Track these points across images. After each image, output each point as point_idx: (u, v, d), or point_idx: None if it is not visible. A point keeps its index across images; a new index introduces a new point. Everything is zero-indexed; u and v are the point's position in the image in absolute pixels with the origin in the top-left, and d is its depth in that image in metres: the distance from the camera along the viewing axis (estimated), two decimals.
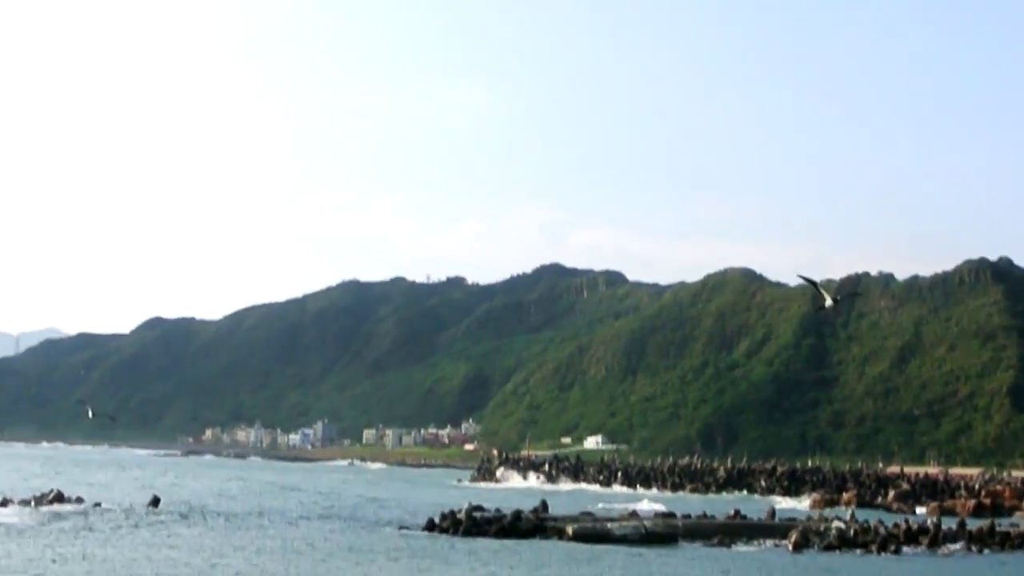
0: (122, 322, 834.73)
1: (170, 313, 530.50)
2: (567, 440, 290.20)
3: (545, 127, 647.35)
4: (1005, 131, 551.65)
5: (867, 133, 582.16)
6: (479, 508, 68.36)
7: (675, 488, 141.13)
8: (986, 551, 62.22)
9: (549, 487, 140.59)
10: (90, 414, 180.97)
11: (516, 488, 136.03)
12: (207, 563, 42.21)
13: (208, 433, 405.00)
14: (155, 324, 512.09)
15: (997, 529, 66.99)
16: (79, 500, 72.25)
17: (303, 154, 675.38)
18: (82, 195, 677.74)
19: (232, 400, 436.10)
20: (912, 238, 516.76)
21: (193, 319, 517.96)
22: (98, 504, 71.56)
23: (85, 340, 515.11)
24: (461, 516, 63.11)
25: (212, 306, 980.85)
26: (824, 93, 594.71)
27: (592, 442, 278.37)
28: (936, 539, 62.83)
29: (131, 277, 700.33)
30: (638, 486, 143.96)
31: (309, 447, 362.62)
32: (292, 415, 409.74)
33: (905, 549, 60.64)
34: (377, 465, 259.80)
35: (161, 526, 58.24)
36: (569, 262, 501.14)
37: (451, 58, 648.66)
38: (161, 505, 72.62)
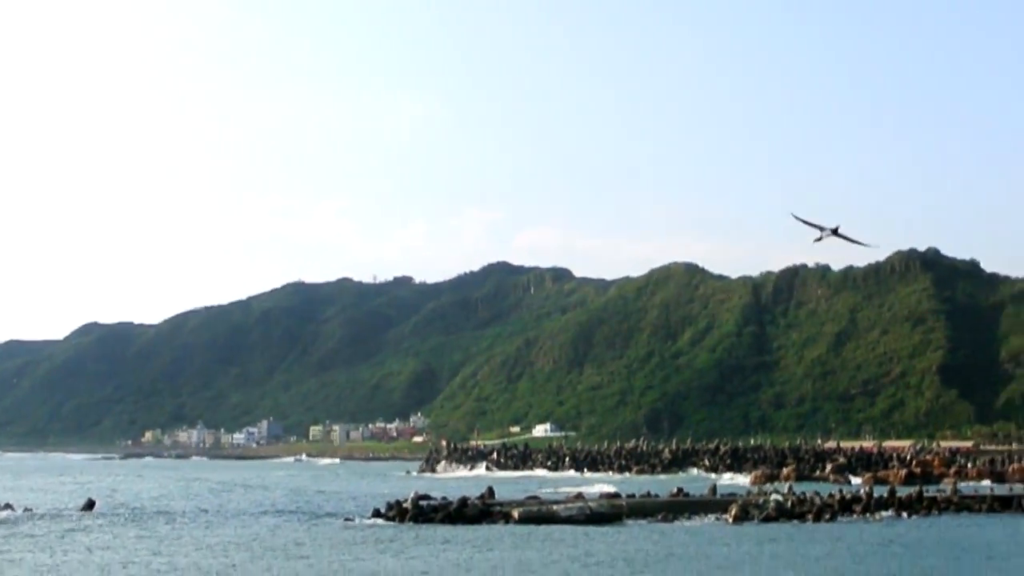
0: (55, 328, 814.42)
1: (107, 318, 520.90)
2: (515, 429, 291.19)
3: (489, 130, 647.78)
4: (934, 125, 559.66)
5: (801, 130, 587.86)
6: (425, 497, 68.67)
7: (622, 470, 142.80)
8: (914, 516, 64.28)
9: (499, 474, 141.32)
10: None
11: (464, 477, 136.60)
12: (143, 563, 41.99)
13: (148, 435, 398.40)
14: (90, 329, 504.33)
15: (924, 495, 69.19)
16: (8, 507, 69.27)
17: (246, 159, 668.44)
18: (9, 197, 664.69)
19: (173, 402, 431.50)
20: (847, 230, 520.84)
21: (131, 323, 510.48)
22: (29, 509, 69.34)
23: (15, 347, 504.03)
24: (407, 505, 63.38)
25: (152, 310, 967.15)
26: (760, 90, 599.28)
27: (540, 430, 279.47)
28: (868, 507, 64.73)
29: (64, 282, 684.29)
30: (586, 470, 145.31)
31: (254, 445, 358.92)
32: (236, 415, 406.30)
33: (840, 517, 62.43)
34: (326, 460, 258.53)
35: (96, 529, 57.37)
36: (516, 260, 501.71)
37: (394, 64, 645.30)
38: (96, 508, 70.93)
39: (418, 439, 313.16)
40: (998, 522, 62.85)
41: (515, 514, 60.12)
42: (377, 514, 63.65)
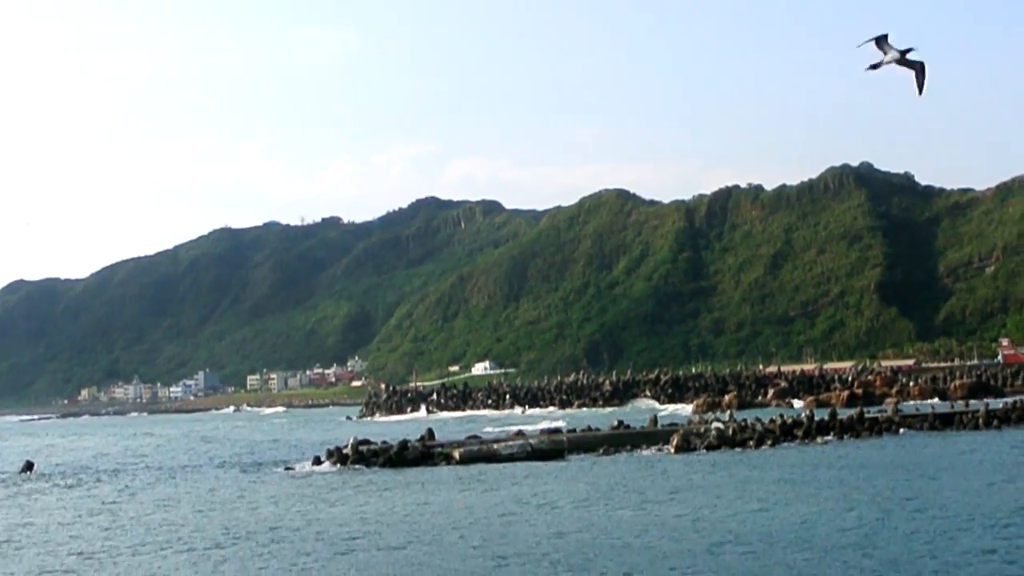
0: None
1: (32, 275, 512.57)
2: (455, 368, 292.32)
3: (412, 61, 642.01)
4: (858, 38, 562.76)
5: (726, 50, 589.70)
6: (365, 442, 68.31)
7: (563, 405, 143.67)
8: (856, 439, 65.19)
9: (440, 416, 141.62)
10: None
11: (405, 420, 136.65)
12: (85, 523, 41.62)
13: (84, 393, 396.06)
14: (16, 287, 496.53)
15: (866, 416, 70.24)
16: None
17: (161, 101, 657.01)
18: None
19: (107, 358, 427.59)
20: (778, 149, 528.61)
21: (58, 279, 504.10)
22: None
23: None
24: (347, 451, 63.21)
25: (78, 265, 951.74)
26: (686, 14, 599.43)
27: (480, 368, 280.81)
28: (810, 431, 65.47)
29: None
30: (527, 407, 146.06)
31: (192, 398, 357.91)
32: (171, 367, 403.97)
33: (782, 443, 63.15)
34: (270, 410, 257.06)
35: (37, 492, 56.74)
36: (445, 194, 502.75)
37: None
38: (36, 470, 69.90)
39: (357, 383, 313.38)
40: (939, 440, 64.01)
41: (456, 455, 60.20)
42: (317, 461, 63.40)
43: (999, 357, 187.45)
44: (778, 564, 26.95)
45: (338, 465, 61.55)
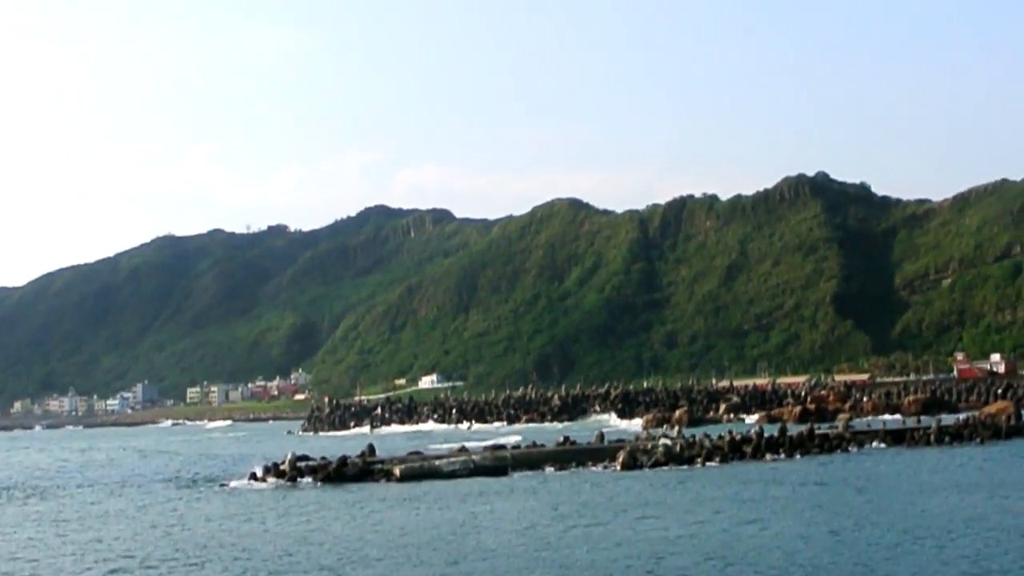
0: None
1: None
2: (401, 382, 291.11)
3: (362, 68, 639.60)
4: (816, 47, 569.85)
5: (685, 56, 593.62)
6: (304, 457, 67.99)
7: (511, 420, 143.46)
8: (806, 456, 65.44)
9: (384, 431, 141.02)
10: None
11: (348, 435, 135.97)
12: (8, 539, 41.08)
13: (17, 406, 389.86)
14: None
15: (816, 432, 70.75)
16: None
17: (104, 105, 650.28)
18: None
19: (42, 369, 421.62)
20: (734, 158, 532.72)
21: None
22: None
23: None
24: (284, 467, 62.86)
25: (14, 273, 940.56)
26: (640, 22, 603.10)
27: (427, 381, 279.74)
28: (759, 448, 65.70)
29: None
30: (474, 421, 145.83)
31: (129, 411, 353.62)
32: (109, 379, 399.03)
33: (731, 459, 63.35)
34: (216, 423, 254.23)
35: None
36: (395, 203, 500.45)
37: (262, 0, 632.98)
38: None
39: (300, 397, 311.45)
40: (889, 457, 64.46)
41: (396, 471, 59.89)
42: (253, 477, 62.94)
43: (954, 372, 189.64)
44: None
45: (275, 481, 61.15)
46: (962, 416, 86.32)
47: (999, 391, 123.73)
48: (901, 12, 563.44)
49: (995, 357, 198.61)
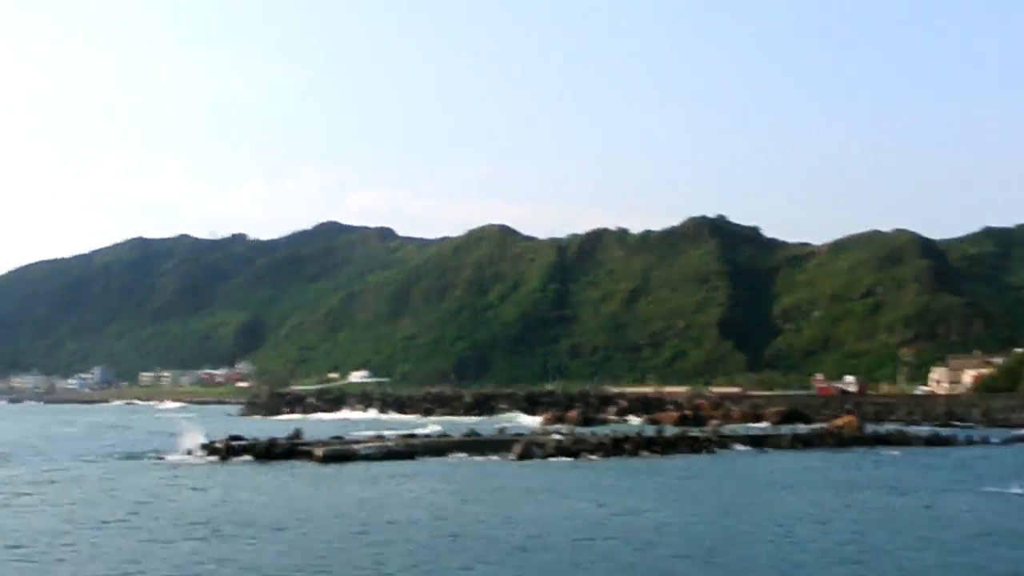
0: None
1: None
2: (334, 375, 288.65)
3: (324, 98, 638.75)
4: (727, 98, 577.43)
5: (606, 100, 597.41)
6: (237, 437, 67.46)
7: (427, 413, 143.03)
8: (678, 454, 66.52)
9: (313, 417, 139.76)
10: None
11: (283, 420, 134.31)
12: None
13: None
14: None
15: (688, 434, 71.89)
16: None
17: (92, 120, 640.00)
18: None
19: (10, 349, 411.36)
20: (647, 198, 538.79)
21: None
22: None
23: None
24: (219, 444, 62.45)
25: None
26: (569, 58, 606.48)
27: (357, 376, 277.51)
28: (638, 445, 66.59)
29: None
30: (394, 412, 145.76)
31: (86, 390, 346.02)
32: (71, 361, 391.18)
33: (612, 455, 64.13)
34: (169, 404, 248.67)
35: None
36: (347, 220, 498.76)
37: (235, 27, 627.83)
38: None
39: (243, 384, 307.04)
40: (747, 457, 65.87)
41: (319, 452, 59.83)
42: (189, 452, 62.34)
43: (813, 389, 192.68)
44: (598, 555, 27.51)
45: (208, 457, 60.68)
46: (816, 427, 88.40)
47: (847, 407, 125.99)
48: (797, 79, 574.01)
49: (849, 378, 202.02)
